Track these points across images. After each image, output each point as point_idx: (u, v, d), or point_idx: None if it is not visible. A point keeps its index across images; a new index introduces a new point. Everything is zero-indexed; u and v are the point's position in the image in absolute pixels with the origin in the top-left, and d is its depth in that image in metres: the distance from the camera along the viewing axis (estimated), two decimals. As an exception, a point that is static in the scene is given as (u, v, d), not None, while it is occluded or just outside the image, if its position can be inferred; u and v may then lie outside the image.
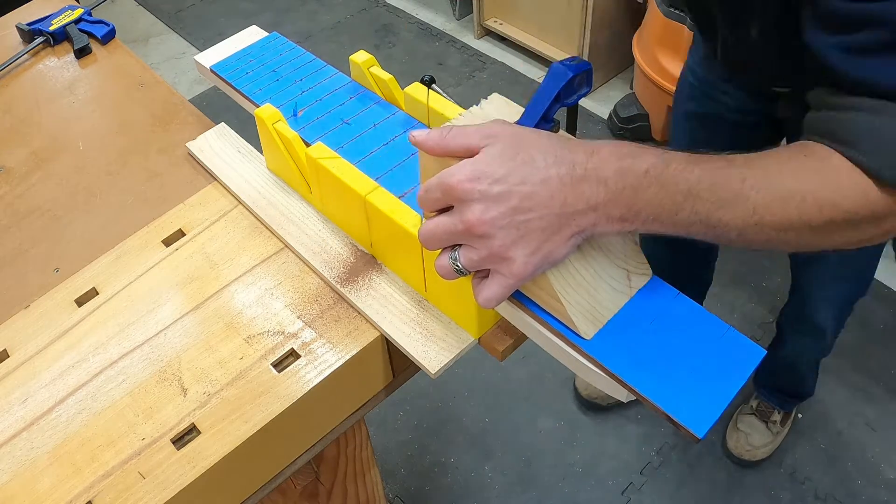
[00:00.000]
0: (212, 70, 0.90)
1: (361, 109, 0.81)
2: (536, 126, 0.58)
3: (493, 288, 0.54)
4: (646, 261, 0.63)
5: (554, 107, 0.58)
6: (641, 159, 0.53)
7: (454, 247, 0.55)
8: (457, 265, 0.54)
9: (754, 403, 1.66)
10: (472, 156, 0.53)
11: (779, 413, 1.64)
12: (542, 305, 0.61)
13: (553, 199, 0.51)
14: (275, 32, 0.95)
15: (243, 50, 0.92)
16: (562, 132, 0.60)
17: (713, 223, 0.54)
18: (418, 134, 0.56)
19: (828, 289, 1.30)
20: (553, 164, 0.52)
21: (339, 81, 0.85)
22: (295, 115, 0.81)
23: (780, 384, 1.61)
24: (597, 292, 0.60)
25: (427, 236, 0.55)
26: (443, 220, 0.54)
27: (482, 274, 0.56)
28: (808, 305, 1.35)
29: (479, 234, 0.52)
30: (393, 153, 0.75)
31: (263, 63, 0.89)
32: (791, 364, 1.53)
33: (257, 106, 0.80)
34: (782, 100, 1.02)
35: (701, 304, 0.60)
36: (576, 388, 1.74)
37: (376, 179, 0.70)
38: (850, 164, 0.55)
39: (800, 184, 0.54)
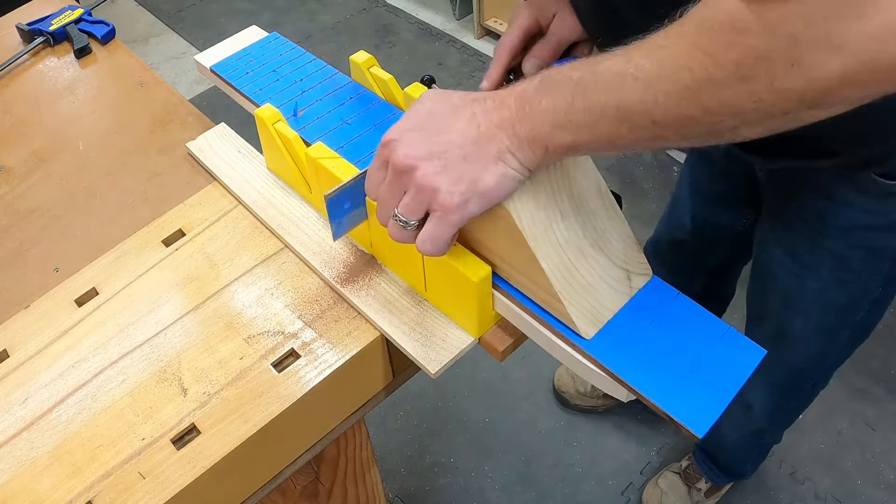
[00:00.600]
0: (212, 70, 0.90)
1: (361, 109, 0.81)
2: None
3: (428, 228, 0.55)
4: (646, 261, 0.63)
5: None
6: (534, 78, 0.54)
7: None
8: (398, 218, 0.56)
9: (685, 463, 1.54)
10: None
11: (706, 483, 1.50)
12: (542, 305, 0.61)
13: (468, 127, 0.54)
14: (275, 33, 0.95)
15: (243, 50, 0.92)
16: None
17: (613, 113, 0.50)
18: None
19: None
20: (467, 104, 0.55)
21: (339, 81, 0.85)
22: (295, 114, 0.81)
23: (713, 453, 1.47)
24: (597, 292, 0.60)
25: (378, 206, 0.58)
26: (386, 185, 0.57)
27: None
28: None
29: (402, 170, 0.54)
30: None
31: (263, 63, 0.89)
32: (718, 433, 1.34)
33: (257, 106, 0.80)
34: None
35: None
36: (554, 376, 1.72)
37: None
38: None
39: (691, 40, 0.48)
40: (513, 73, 0.72)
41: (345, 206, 0.66)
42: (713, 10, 0.47)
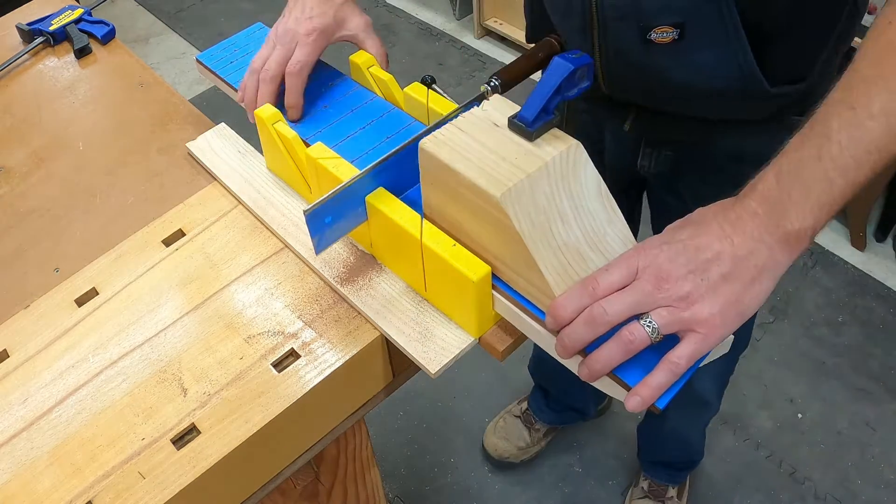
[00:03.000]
0: (197, 60, 0.91)
1: (341, 96, 0.83)
2: (536, 118, 0.58)
3: (687, 347, 0.54)
4: None
5: (554, 99, 0.59)
6: (765, 174, 0.56)
7: (638, 316, 0.55)
8: (650, 324, 0.54)
9: (645, 484, 1.55)
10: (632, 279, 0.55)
11: (673, 489, 1.54)
12: (541, 307, 0.61)
13: (722, 244, 0.54)
14: (259, 23, 0.96)
15: (228, 40, 0.94)
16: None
17: (870, 159, 0.54)
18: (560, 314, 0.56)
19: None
20: (713, 217, 0.56)
21: (319, 69, 0.86)
22: None
23: (670, 458, 1.51)
24: None
25: (612, 300, 0.54)
26: (633, 286, 0.54)
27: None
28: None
29: (663, 282, 0.54)
30: (369, 137, 0.77)
31: (247, 52, 0.91)
32: (679, 437, 1.43)
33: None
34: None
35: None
36: (484, 448, 1.65)
37: (353, 161, 0.71)
38: None
39: None
40: None
41: (325, 221, 0.66)
42: None
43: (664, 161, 0.92)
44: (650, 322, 0.53)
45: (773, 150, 0.57)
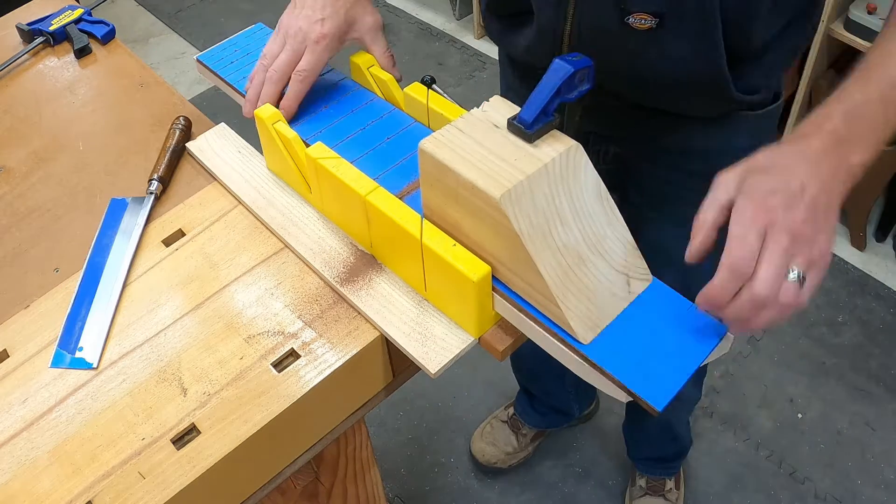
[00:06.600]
0: (198, 60, 0.91)
1: (341, 97, 0.83)
2: (535, 120, 0.59)
3: (813, 280, 0.57)
4: (646, 266, 0.63)
5: (554, 101, 0.59)
6: (831, 115, 0.61)
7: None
8: (797, 274, 0.56)
9: (642, 482, 1.55)
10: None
11: (671, 480, 1.55)
12: (540, 309, 0.61)
13: (814, 181, 0.58)
14: (259, 24, 0.96)
15: (229, 41, 0.94)
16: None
17: None
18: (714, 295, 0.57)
19: None
20: (800, 153, 0.60)
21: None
22: None
23: (661, 453, 1.51)
24: (596, 298, 0.60)
25: (775, 273, 0.55)
26: (774, 249, 0.56)
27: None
28: None
29: (798, 232, 0.56)
30: (369, 137, 0.77)
31: (248, 53, 0.91)
32: (666, 430, 1.43)
33: (241, 93, 0.81)
34: None
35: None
36: (472, 454, 1.65)
37: (353, 162, 0.71)
38: None
39: None
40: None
41: None
42: None
43: (611, 160, 0.93)
44: (797, 274, 0.56)
45: (721, 145, 0.61)
